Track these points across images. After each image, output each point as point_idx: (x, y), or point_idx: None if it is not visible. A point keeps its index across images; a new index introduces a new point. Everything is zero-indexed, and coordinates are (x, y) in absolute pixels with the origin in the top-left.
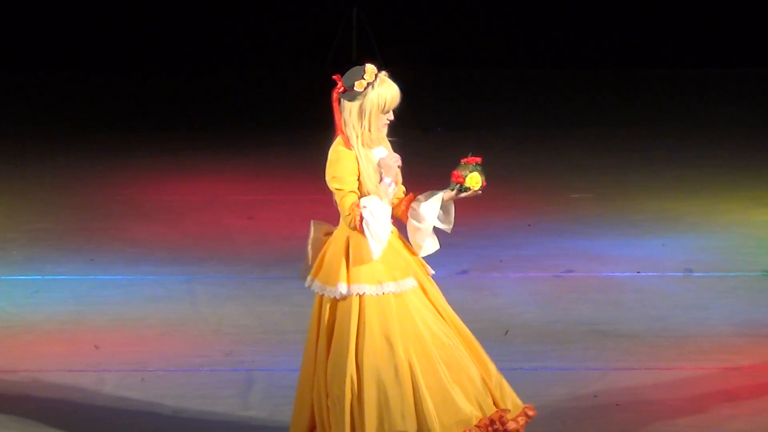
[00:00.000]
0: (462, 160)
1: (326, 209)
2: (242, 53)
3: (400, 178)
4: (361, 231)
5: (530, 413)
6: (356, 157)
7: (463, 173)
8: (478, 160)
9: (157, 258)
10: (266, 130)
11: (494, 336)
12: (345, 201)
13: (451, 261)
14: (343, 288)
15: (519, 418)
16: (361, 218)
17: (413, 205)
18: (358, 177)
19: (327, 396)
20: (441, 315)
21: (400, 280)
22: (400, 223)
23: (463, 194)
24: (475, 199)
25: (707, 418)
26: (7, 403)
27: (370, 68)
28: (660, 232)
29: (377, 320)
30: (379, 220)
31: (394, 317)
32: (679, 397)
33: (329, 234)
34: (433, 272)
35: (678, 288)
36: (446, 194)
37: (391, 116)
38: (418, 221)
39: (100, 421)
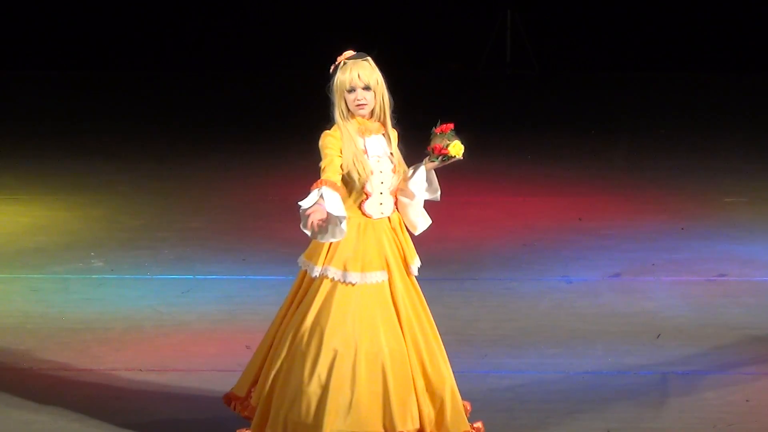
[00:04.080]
0: (436, 131)
1: (480, 211)
2: (394, 52)
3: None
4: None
5: None
6: (340, 136)
7: (443, 144)
8: (451, 126)
9: None
10: (417, 130)
11: (647, 339)
12: (322, 169)
13: (603, 264)
14: (317, 270)
15: None
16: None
17: (400, 185)
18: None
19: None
20: (400, 319)
21: (369, 273)
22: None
23: (446, 163)
24: (628, 203)
25: None
26: (157, 402)
27: (344, 54)
28: None
29: (326, 306)
30: (303, 208)
31: (343, 308)
32: None
33: None
34: (416, 273)
35: None
36: (429, 166)
37: (357, 97)
38: (409, 198)
39: (250, 421)
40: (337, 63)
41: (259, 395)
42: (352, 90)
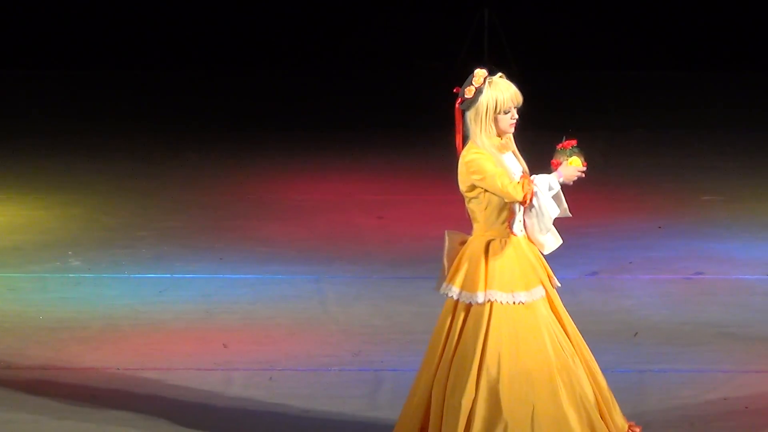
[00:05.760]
0: (558, 146)
1: (457, 210)
2: (372, 52)
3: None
4: (530, 204)
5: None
6: (493, 157)
7: (561, 159)
8: (574, 143)
9: (286, 257)
10: (396, 129)
11: (624, 338)
12: (503, 179)
13: (581, 262)
14: (481, 296)
15: None
16: (532, 193)
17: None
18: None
19: (445, 400)
20: (564, 328)
21: (533, 289)
22: None
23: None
24: (606, 201)
25: None
26: (135, 401)
27: (478, 73)
28: None
29: (504, 331)
30: (546, 197)
31: (521, 329)
32: None
33: (464, 243)
34: (559, 285)
35: None
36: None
37: (513, 116)
38: (537, 217)
39: (228, 420)
40: (479, 86)
41: None
42: (509, 110)
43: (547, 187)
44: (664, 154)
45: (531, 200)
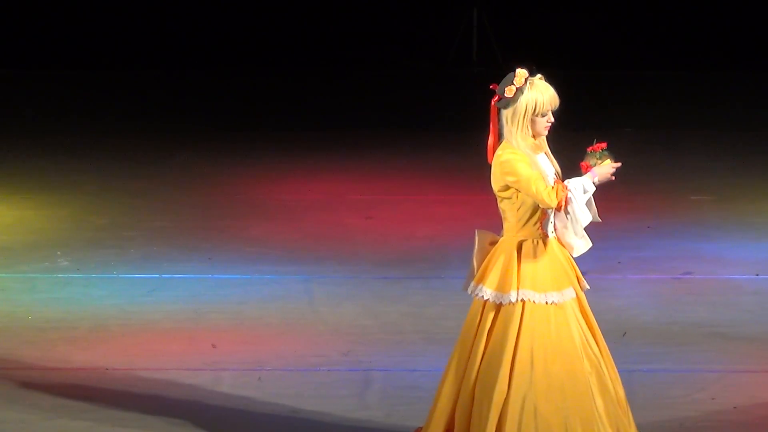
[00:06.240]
0: (588, 149)
1: (447, 209)
2: (362, 53)
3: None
4: (565, 210)
5: None
6: (528, 158)
7: (591, 162)
8: (603, 145)
9: (275, 257)
10: (386, 129)
11: (613, 337)
12: (537, 184)
13: None
14: (513, 296)
15: None
16: (567, 200)
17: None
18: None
19: (473, 401)
20: (592, 331)
21: (564, 290)
22: None
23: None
24: (597, 200)
25: None
26: (124, 401)
27: (520, 73)
28: None
29: (537, 330)
30: (581, 203)
31: (552, 329)
32: None
33: (494, 243)
34: (588, 287)
35: None
36: None
37: (549, 119)
38: (567, 220)
39: (217, 420)
40: (521, 86)
41: None
42: (546, 113)
43: (581, 191)
44: (653, 154)
45: (566, 207)
